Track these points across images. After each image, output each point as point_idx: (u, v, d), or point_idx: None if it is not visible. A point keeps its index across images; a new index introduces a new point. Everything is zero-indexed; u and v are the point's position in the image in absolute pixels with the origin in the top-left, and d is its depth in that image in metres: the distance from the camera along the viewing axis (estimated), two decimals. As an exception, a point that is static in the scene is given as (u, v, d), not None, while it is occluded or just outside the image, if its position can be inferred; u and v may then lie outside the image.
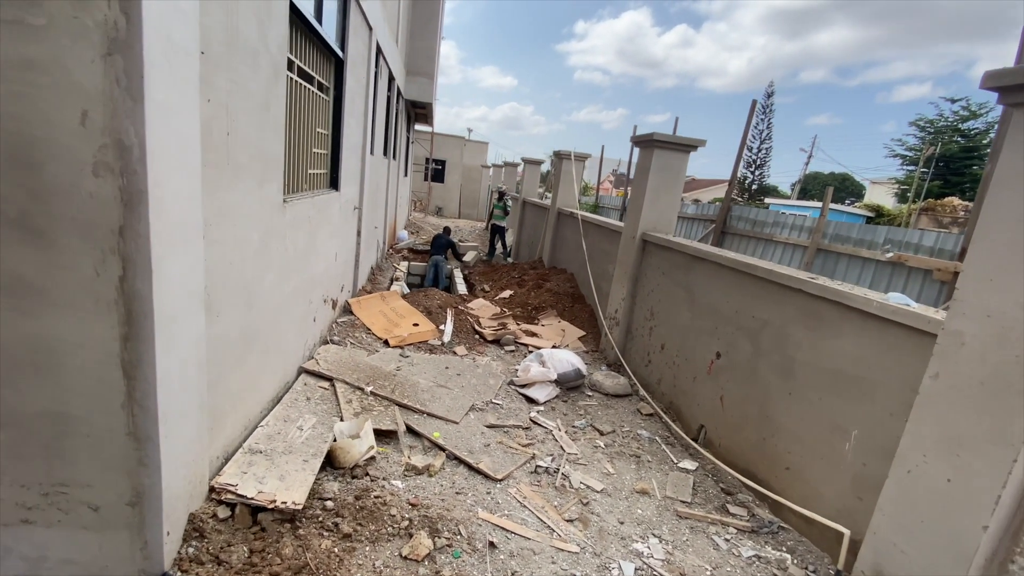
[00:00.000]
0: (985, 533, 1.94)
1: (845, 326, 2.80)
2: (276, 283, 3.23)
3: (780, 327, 3.29)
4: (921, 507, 2.19)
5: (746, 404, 3.53)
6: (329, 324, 5.20)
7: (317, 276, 4.36)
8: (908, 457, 2.25)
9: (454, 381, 4.52)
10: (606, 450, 3.81)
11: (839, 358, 2.82)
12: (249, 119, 2.51)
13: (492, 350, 5.71)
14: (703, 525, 3.01)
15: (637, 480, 3.43)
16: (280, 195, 3.12)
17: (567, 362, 4.88)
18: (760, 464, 3.33)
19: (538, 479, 3.30)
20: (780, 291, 3.31)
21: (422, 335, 5.63)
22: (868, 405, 2.62)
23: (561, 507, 3.02)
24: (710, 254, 4.10)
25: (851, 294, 2.72)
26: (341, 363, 4.22)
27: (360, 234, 6.37)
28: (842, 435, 2.73)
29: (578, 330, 6.51)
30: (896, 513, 2.29)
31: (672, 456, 3.81)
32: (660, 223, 5.32)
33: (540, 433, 3.94)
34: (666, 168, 5.18)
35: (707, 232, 10.19)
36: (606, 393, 4.85)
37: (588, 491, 3.22)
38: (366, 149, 6.15)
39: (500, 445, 3.61)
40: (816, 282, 2.99)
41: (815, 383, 2.96)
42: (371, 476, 3.01)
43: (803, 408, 3.03)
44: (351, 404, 3.64)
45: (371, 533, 2.53)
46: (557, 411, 4.41)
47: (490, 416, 4.01)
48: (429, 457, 3.32)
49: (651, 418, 4.46)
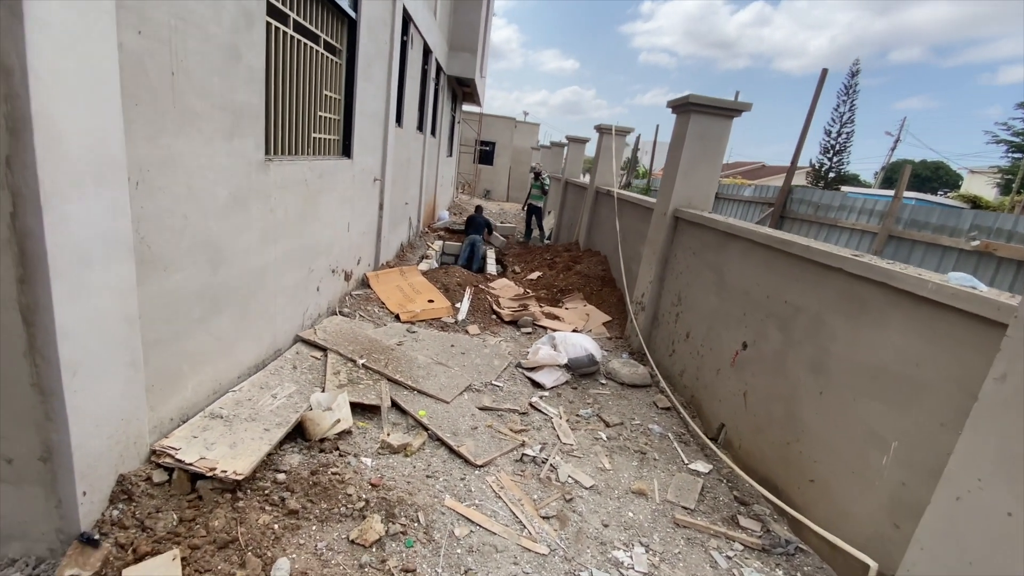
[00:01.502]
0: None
1: (892, 313, 2.27)
2: (258, 245, 3.11)
3: (815, 314, 2.77)
4: (971, 545, 1.69)
5: (771, 402, 3.04)
6: (341, 296, 5.12)
7: (320, 244, 4.24)
8: (958, 480, 1.75)
9: (456, 360, 4.29)
10: (607, 443, 3.44)
11: (882, 352, 2.30)
12: (206, 64, 2.34)
13: (507, 331, 5.43)
14: (703, 537, 2.60)
15: (636, 479, 3.05)
16: (260, 152, 2.97)
17: (580, 347, 4.52)
18: (782, 472, 2.85)
19: (523, 468, 3.01)
20: (817, 271, 2.78)
21: (435, 312, 5.44)
22: (914, 412, 2.10)
23: (540, 501, 2.72)
24: (743, 230, 3.58)
25: (901, 273, 2.19)
26: (340, 334, 4.10)
27: (383, 207, 6.25)
28: (879, 446, 2.23)
29: (604, 315, 6.09)
30: (938, 549, 1.81)
31: (683, 456, 3.39)
32: (696, 198, 4.79)
33: (538, 420, 3.64)
34: (704, 135, 4.62)
35: (764, 216, 9.30)
36: (621, 382, 4.45)
37: (575, 486, 2.89)
38: (390, 120, 5.99)
39: (489, 429, 3.34)
40: (859, 259, 2.46)
41: (851, 381, 2.45)
42: (341, 451, 2.84)
43: (835, 411, 2.53)
44: (338, 375, 3.49)
45: (321, 512, 2.35)
46: (563, 398, 4.07)
47: (486, 398, 3.75)
48: (409, 436, 3.11)
49: (668, 412, 4.02)
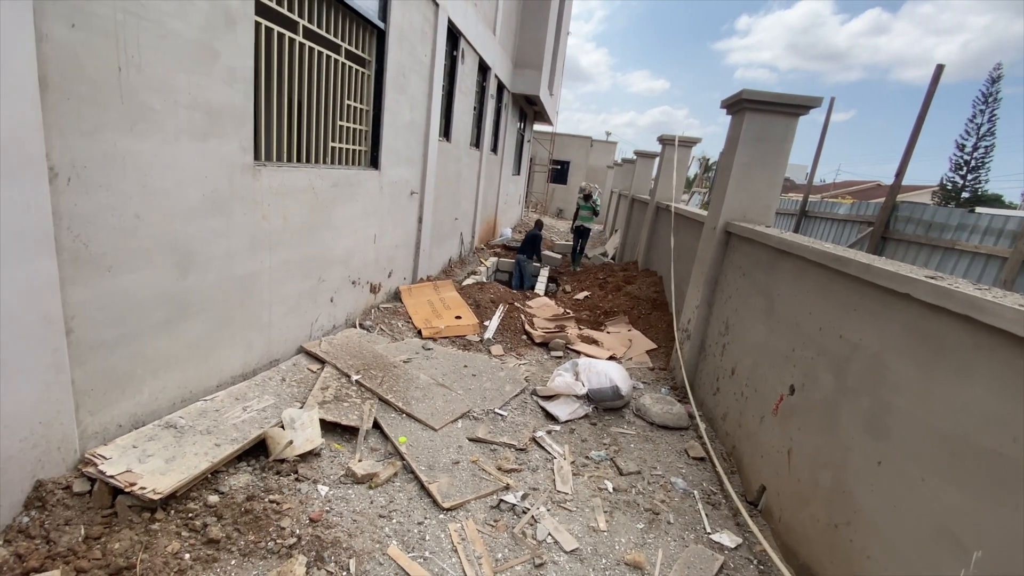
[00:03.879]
0: None
1: (980, 361, 1.58)
2: (245, 252, 3.03)
3: (875, 355, 2.08)
4: None
5: (818, 467, 2.35)
6: (366, 308, 5.03)
7: (334, 255, 4.16)
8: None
9: (463, 382, 3.96)
10: (612, 496, 2.89)
11: (964, 416, 1.61)
12: (167, 61, 2.28)
13: (536, 354, 5.00)
14: (704, 639, 1.99)
15: (634, 547, 2.48)
16: (247, 156, 2.90)
17: (605, 376, 3.98)
18: (826, 562, 2.15)
19: (497, 517, 2.57)
20: (880, 298, 2.10)
21: (461, 329, 5.17)
22: (1007, 508, 1.41)
23: (503, 563, 2.27)
24: (795, 246, 2.90)
25: (994, 304, 1.51)
26: (346, 347, 3.95)
27: (422, 221, 6.16)
28: (954, 550, 1.54)
29: (649, 342, 5.44)
30: None
31: (707, 522, 2.74)
32: (752, 210, 4.10)
33: (538, 458, 3.18)
34: (762, 137, 3.95)
35: (861, 237, 7.99)
36: (651, 422, 3.83)
37: (553, 549, 2.40)
38: (431, 133, 5.91)
39: (473, 465, 2.95)
40: (934, 283, 1.78)
41: (920, 452, 1.76)
42: (299, 475, 2.60)
43: (897, 490, 1.83)
44: (325, 391, 3.31)
45: (246, 544, 2.11)
46: (576, 435, 3.56)
47: (482, 428, 3.36)
48: (380, 465, 2.81)
49: (701, 464, 3.35)
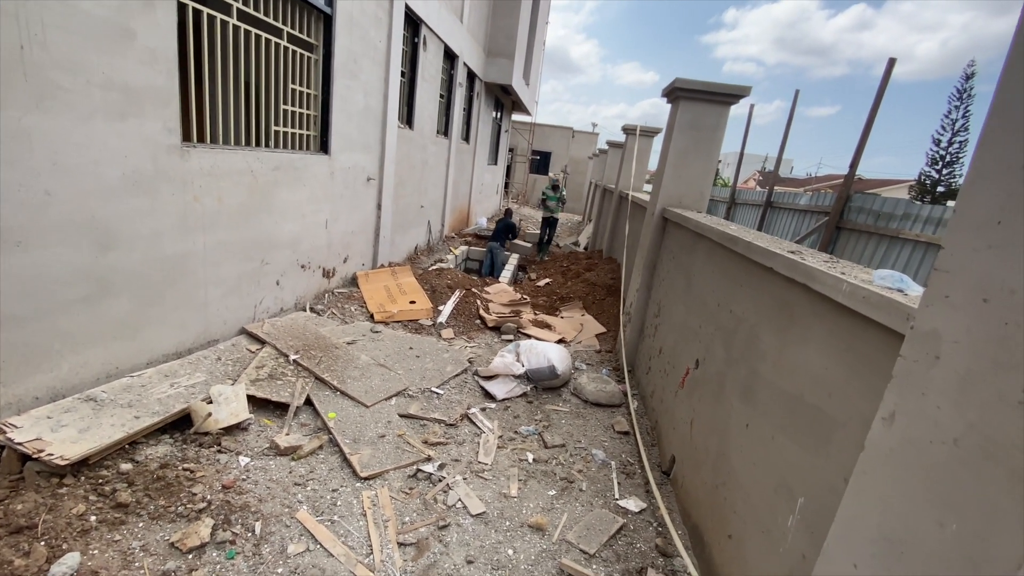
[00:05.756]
0: None
1: (815, 325, 1.72)
2: (174, 232, 3.08)
3: (752, 326, 2.22)
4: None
5: (709, 434, 2.49)
6: (318, 292, 5.09)
7: (279, 239, 4.21)
8: (835, 562, 1.22)
9: (405, 363, 4.06)
10: (532, 466, 3.02)
11: (801, 376, 1.75)
12: (77, 39, 2.32)
13: (486, 337, 5.12)
14: (586, 591, 2.13)
15: (541, 511, 2.62)
16: (173, 137, 2.94)
17: (544, 356, 4.11)
18: (709, 522, 2.30)
19: (413, 486, 2.69)
20: (758, 274, 2.23)
21: (414, 313, 5.26)
22: (822, 458, 1.55)
23: (408, 525, 2.38)
24: (706, 228, 3.03)
25: (822, 272, 1.64)
26: (290, 329, 4.02)
27: (381, 207, 6.21)
28: (788, 500, 1.68)
29: (599, 326, 5.58)
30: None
31: (617, 490, 2.88)
32: (688, 196, 4.22)
33: (466, 434, 3.29)
34: (695, 125, 4.07)
35: (817, 226, 8.20)
36: (585, 400, 3.97)
37: (460, 513, 2.52)
38: (388, 120, 5.95)
39: (399, 439, 3.06)
40: (789, 256, 1.91)
41: (772, 413, 1.90)
42: (221, 447, 2.69)
43: (756, 449, 1.98)
44: (261, 369, 3.39)
45: (156, 508, 2.20)
46: (511, 411, 3.69)
47: (415, 405, 3.47)
48: (307, 438, 2.91)
49: (624, 437, 3.50)
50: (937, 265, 1.04)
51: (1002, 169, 0.95)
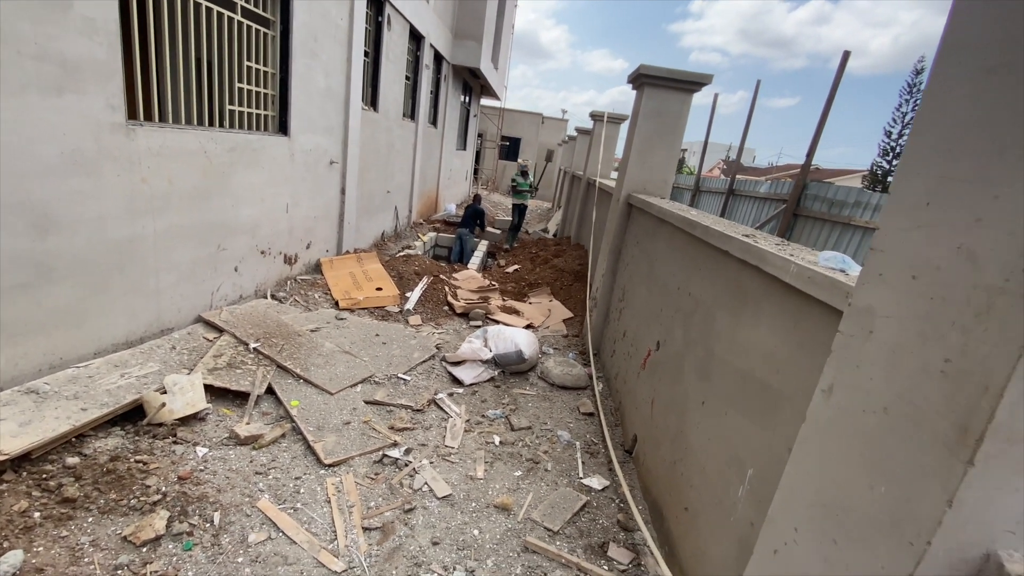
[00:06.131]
0: None
1: (765, 305, 1.79)
2: (121, 215, 2.93)
3: (709, 308, 2.29)
4: (781, 618, 1.24)
5: (669, 412, 2.57)
6: (280, 279, 4.95)
7: (236, 223, 4.06)
8: (778, 527, 1.29)
9: (371, 350, 4.01)
10: (498, 449, 3.05)
11: (752, 354, 1.82)
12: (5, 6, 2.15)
13: (454, 323, 5.10)
14: (549, 567, 2.19)
15: (506, 492, 2.66)
16: (117, 115, 2.78)
17: (512, 341, 4.13)
18: (667, 496, 2.39)
19: (378, 471, 2.68)
20: (715, 257, 2.30)
21: (381, 300, 5.19)
22: (770, 431, 1.62)
23: (374, 510, 2.38)
24: (668, 213, 3.09)
25: (772, 254, 1.71)
26: (250, 317, 3.91)
27: (345, 192, 6.06)
28: (739, 472, 1.76)
29: (567, 311, 5.65)
30: (753, 617, 1.35)
31: (582, 468, 2.95)
32: (652, 182, 4.29)
33: (433, 418, 3.29)
34: (660, 112, 4.12)
35: (776, 213, 8.48)
36: (552, 383, 4.03)
37: (426, 496, 2.53)
38: (352, 101, 5.78)
39: (364, 425, 3.03)
40: (742, 239, 1.97)
41: (726, 390, 1.98)
42: (177, 438, 2.61)
43: (711, 425, 2.06)
44: (219, 358, 3.28)
45: (107, 503, 2.12)
46: (478, 396, 3.71)
47: (381, 392, 3.44)
48: (268, 427, 2.85)
49: (589, 418, 3.58)
50: (873, 245, 1.10)
51: (931, 155, 1.00)
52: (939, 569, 0.88)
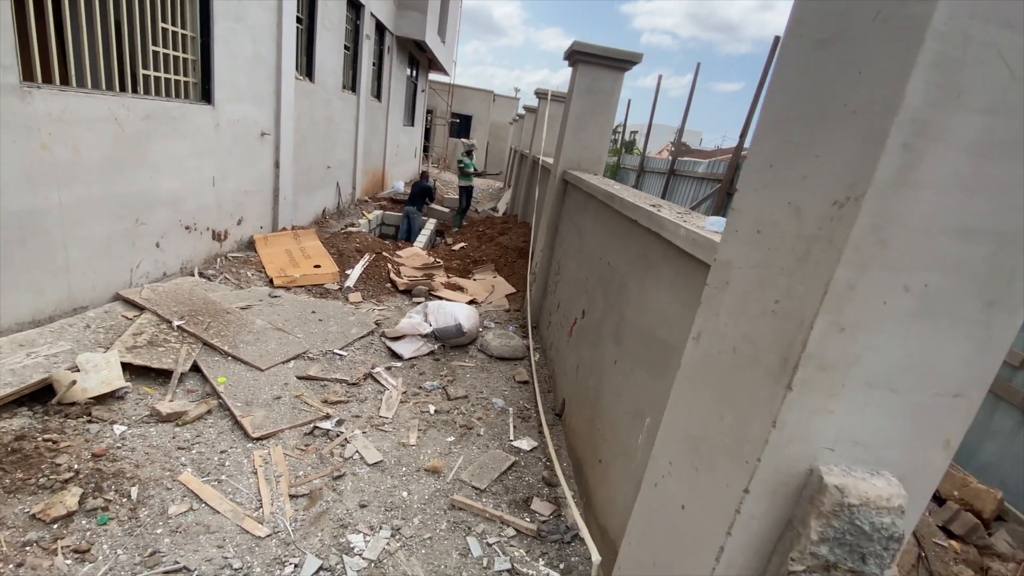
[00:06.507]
0: (704, 601, 1.13)
1: (665, 269, 1.93)
2: (20, 186, 2.73)
3: (623, 275, 2.43)
4: (658, 541, 1.39)
5: (590, 374, 2.72)
6: (208, 256, 4.76)
7: (158, 196, 3.86)
8: (658, 464, 1.43)
9: (306, 327, 3.96)
10: (432, 417, 3.13)
11: (652, 315, 1.96)
12: None
13: (396, 300, 5.09)
14: (474, 521, 2.30)
15: (438, 456, 2.74)
16: (8, 75, 2.57)
17: (451, 316, 4.18)
18: (587, 452, 2.55)
19: (309, 443, 2.69)
20: (628, 228, 2.43)
21: (319, 278, 5.09)
22: (663, 381, 1.77)
23: (302, 478, 2.41)
24: (594, 188, 3.21)
25: (669, 221, 1.84)
26: (174, 295, 3.75)
27: (280, 166, 5.83)
28: (639, 422, 1.91)
29: (509, 287, 5.75)
30: (639, 544, 1.50)
31: (512, 432, 3.08)
32: (586, 159, 4.40)
33: (369, 392, 3.32)
34: (593, 89, 4.21)
35: (711, 192, 8.89)
36: (491, 355, 4.12)
37: (356, 463, 2.58)
38: (284, 69, 5.53)
39: (296, 400, 3.02)
40: (647, 208, 2.10)
41: (633, 350, 2.12)
42: (92, 417, 2.51)
43: (620, 383, 2.21)
44: (139, 336, 3.16)
45: (13, 482, 2.04)
46: (416, 369, 3.75)
47: (315, 367, 3.42)
48: (193, 404, 2.79)
49: (524, 386, 3.71)
50: (732, 206, 1.23)
51: (775, 122, 1.12)
52: (771, 483, 1.03)
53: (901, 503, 0.97)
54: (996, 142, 0.83)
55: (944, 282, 0.90)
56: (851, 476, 0.99)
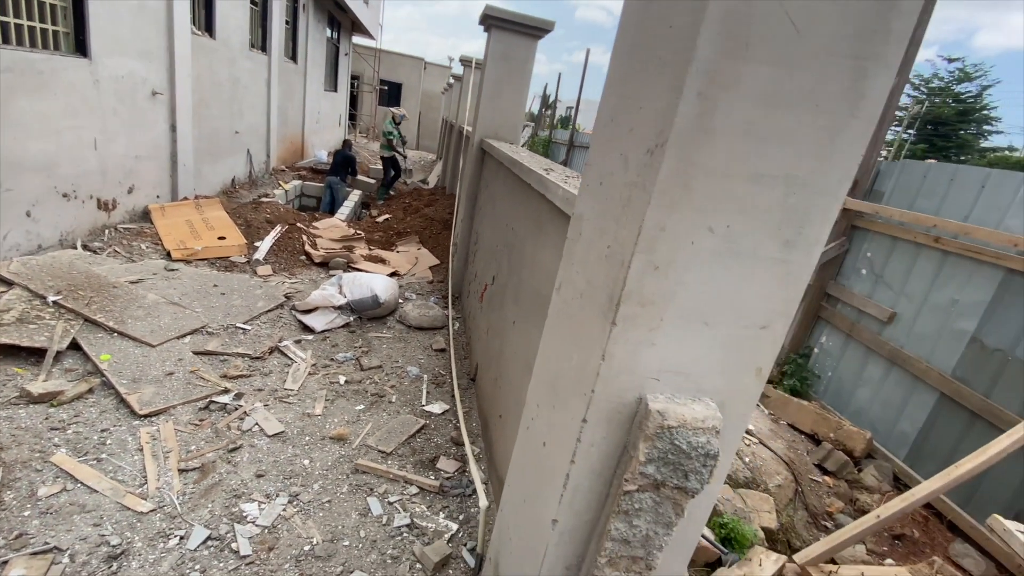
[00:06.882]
0: (555, 530, 1.23)
1: (551, 229, 2.00)
2: None
3: (522, 239, 2.49)
4: (527, 479, 1.48)
5: (496, 337, 2.80)
6: (94, 227, 4.34)
7: (25, 159, 3.45)
8: (530, 407, 1.52)
9: (206, 301, 3.74)
10: (343, 387, 3.09)
11: (542, 273, 2.04)
12: None
13: (311, 273, 4.91)
14: (377, 483, 2.33)
15: (345, 424, 2.73)
16: None
17: (367, 287, 4.11)
18: (492, 409, 2.64)
19: (203, 418, 2.59)
20: (526, 192, 2.48)
21: (224, 250, 4.80)
22: (546, 336, 1.86)
23: (194, 452, 2.32)
24: (503, 155, 3.23)
25: (552, 182, 1.90)
26: (49, 269, 3.40)
27: (177, 129, 5.37)
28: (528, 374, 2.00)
29: (433, 258, 5.71)
30: (514, 485, 1.60)
31: (425, 397, 3.12)
32: (504, 127, 4.40)
33: (275, 365, 3.22)
34: (508, 56, 4.19)
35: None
36: (409, 325, 4.11)
37: (255, 435, 2.52)
38: (176, 22, 5.03)
39: (191, 375, 2.88)
40: (539, 172, 2.16)
41: (527, 309, 2.20)
42: (-56, 401, 2.27)
43: (516, 340, 2.29)
44: (7, 314, 2.85)
45: None
46: (329, 341, 3.67)
47: (215, 342, 3.26)
48: (72, 383, 2.58)
49: (441, 354, 3.74)
50: (586, 161, 1.29)
51: (616, 80, 1.18)
52: (605, 412, 1.12)
53: (715, 424, 1.10)
54: (783, 92, 0.93)
55: (744, 223, 1.01)
56: (673, 402, 1.10)
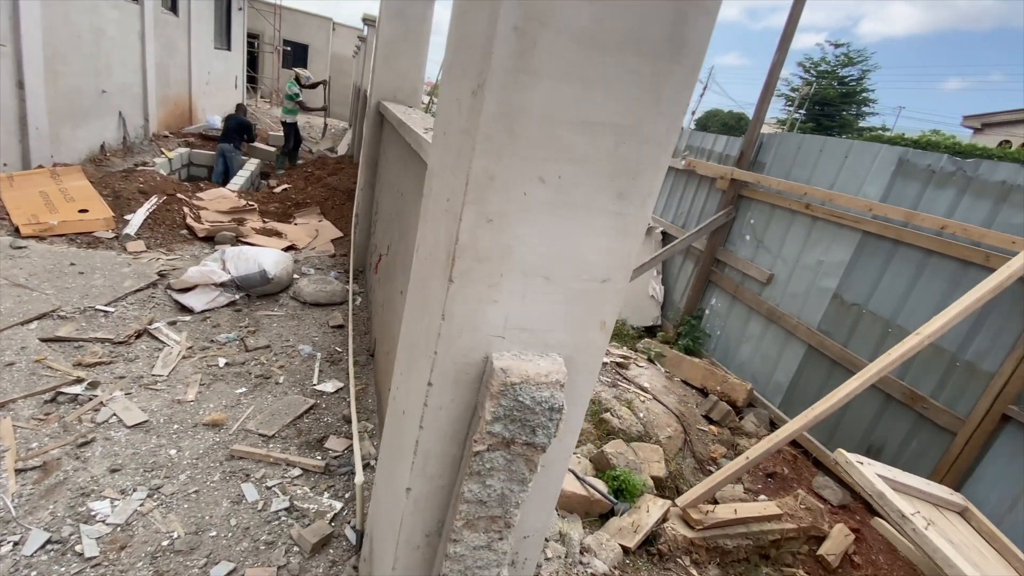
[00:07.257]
0: (408, 498, 1.19)
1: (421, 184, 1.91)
2: None
3: (409, 203, 2.39)
4: (391, 451, 1.44)
5: (388, 308, 2.70)
6: (-94, 199, 3.62)
7: None
8: (396, 378, 1.46)
9: (60, 281, 3.28)
10: (223, 370, 2.86)
11: (420, 238, 1.96)
12: None
13: (194, 248, 4.47)
14: (256, 468, 2.19)
15: (221, 409, 2.53)
16: None
17: (254, 262, 3.79)
18: (385, 382, 2.55)
19: (49, 411, 2.27)
20: (410, 154, 2.37)
21: (87, 225, 4.23)
22: (422, 303, 1.80)
23: (35, 450, 2.04)
24: (392, 117, 3.05)
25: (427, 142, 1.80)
26: None
27: (25, 86, 4.57)
28: (409, 346, 1.94)
29: (336, 231, 5.41)
30: (383, 459, 1.55)
31: (317, 376, 2.96)
32: (402, 90, 4.17)
33: (142, 350, 2.89)
34: (403, 14, 3.95)
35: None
36: (304, 301, 3.87)
37: (112, 427, 2.26)
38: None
39: (36, 365, 2.52)
40: (418, 131, 2.05)
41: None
42: None
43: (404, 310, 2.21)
44: None
45: None
46: (210, 322, 3.36)
47: (68, 327, 2.87)
48: None
49: (339, 330, 3.57)
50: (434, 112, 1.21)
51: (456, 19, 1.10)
52: (451, 374, 1.07)
53: (558, 378, 1.09)
54: (605, 33, 0.89)
55: (576, 174, 0.98)
56: (519, 359, 1.08)
